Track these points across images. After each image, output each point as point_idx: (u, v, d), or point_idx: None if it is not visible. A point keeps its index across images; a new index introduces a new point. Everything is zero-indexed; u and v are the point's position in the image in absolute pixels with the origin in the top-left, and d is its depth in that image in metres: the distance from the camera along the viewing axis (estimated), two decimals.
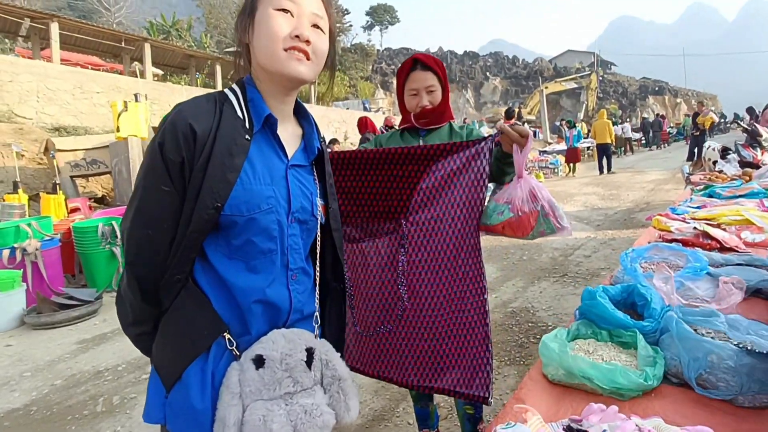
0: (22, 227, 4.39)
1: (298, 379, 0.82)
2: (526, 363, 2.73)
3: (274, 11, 0.87)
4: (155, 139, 0.83)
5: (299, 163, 0.97)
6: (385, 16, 48.16)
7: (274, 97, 0.94)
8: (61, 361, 3.13)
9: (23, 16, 10.75)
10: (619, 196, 9.07)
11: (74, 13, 26.97)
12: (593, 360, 1.14)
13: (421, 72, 1.62)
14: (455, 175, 1.39)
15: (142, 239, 0.84)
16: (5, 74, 8.23)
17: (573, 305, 3.50)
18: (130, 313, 0.89)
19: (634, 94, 41.58)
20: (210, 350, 0.85)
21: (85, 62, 13.80)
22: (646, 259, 1.65)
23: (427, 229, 1.43)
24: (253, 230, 0.86)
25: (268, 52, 0.87)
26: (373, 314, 1.53)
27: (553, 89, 24.84)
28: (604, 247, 5.32)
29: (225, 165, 0.83)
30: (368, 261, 1.52)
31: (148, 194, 0.83)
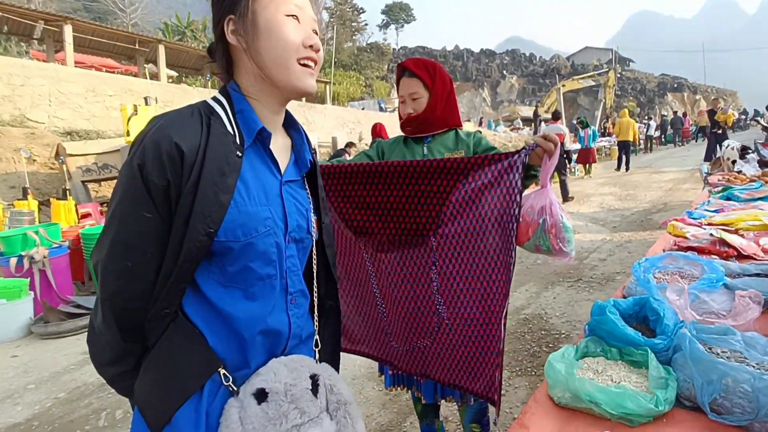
0: (30, 235, 4.33)
1: (304, 409, 0.77)
2: (538, 374, 2.67)
3: (285, 17, 0.81)
4: (132, 160, 0.74)
5: (292, 178, 0.91)
6: (401, 15, 48.06)
7: (268, 108, 0.87)
8: (66, 373, 3.10)
9: (37, 19, 10.81)
10: (636, 196, 8.88)
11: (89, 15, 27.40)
12: (602, 381, 1.09)
13: (407, 79, 1.62)
14: (486, 188, 1.35)
15: (122, 272, 0.75)
16: (17, 78, 8.20)
17: (587, 312, 3.40)
18: (107, 352, 0.79)
19: (652, 91, 40.69)
20: (203, 388, 0.78)
21: (100, 65, 13.93)
22: (660, 269, 1.58)
23: (457, 243, 1.39)
24: (250, 255, 0.79)
25: (282, 63, 0.81)
26: (408, 330, 1.50)
27: (571, 87, 24.43)
28: (620, 250, 5.20)
29: (217, 186, 0.75)
30: (395, 275, 1.49)
31: (127, 222, 0.74)
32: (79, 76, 9.43)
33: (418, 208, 1.41)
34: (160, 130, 0.75)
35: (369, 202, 1.47)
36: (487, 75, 41.11)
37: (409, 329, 1.50)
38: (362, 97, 27.87)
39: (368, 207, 1.47)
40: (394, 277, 1.48)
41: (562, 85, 22.47)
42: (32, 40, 13.02)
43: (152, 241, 0.75)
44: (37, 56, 13.66)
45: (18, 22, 10.73)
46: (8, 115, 7.86)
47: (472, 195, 1.36)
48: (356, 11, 38.53)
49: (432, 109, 1.61)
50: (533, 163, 1.35)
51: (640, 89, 40.44)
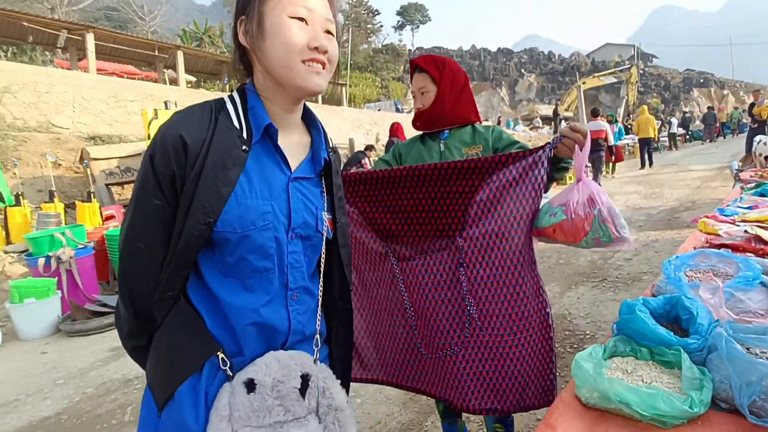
0: (57, 236, 4.50)
1: (289, 407, 0.77)
2: (562, 374, 2.61)
3: (289, 20, 0.82)
4: (146, 152, 0.81)
5: (305, 175, 0.92)
6: (416, 15, 47.99)
7: (280, 106, 0.89)
8: (92, 369, 3.20)
9: (60, 28, 11.17)
10: (662, 194, 8.64)
11: (111, 24, 28.16)
12: (632, 381, 1.06)
13: (417, 74, 1.66)
14: (511, 186, 1.33)
15: (134, 253, 0.81)
16: (42, 86, 8.46)
17: (612, 312, 3.34)
18: (125, 327, 0.87)
19: (677, 87, 39.64)
20: (203, 369, 0.81)
21: (121, 71, 14.29)
22: (692, 267, 1.53)
23: (484, 244, 1.37)
24: (246, 248, 0.82)
25: (285, 64, 0.82)
26: (438, 334, 1.45)
27: (591, 84, 23.98)
28: (647, 250, 5.07)
29: (218, 178, 0.79)
30: (424, 280, 1.46)
31: (141, 208, 0.80)
32: (101, 82, 9.69)
33: (444, 210, 1.39)
34: (170, 125, 0.81)
35: (396, 206, 1.47)
36: (505, 74, 40.69)
37: (437, 332, 1.46)
38: (378, 98, 27.90)
39: (395, 211, 1.47)
40: (423, 281, 1.46)
41: (583, 83, 22.05)
42: (56, 49, 13.42)
43: (160, 227, 0.80)
44: (61, 64, 14.10)
45: (42, 32, 11.11)
46: (34, 122, 8.15)
47: (497, 194, 1.34)
48: (371, 13, 38.64)
49: (439, 103, 1.61)
50: (564, 155, 1.31)
51: (664, 85, 39.46)
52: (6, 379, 3.19)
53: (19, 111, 8.00)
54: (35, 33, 11.06)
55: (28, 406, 2.80)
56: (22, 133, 7.38)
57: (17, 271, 5.01)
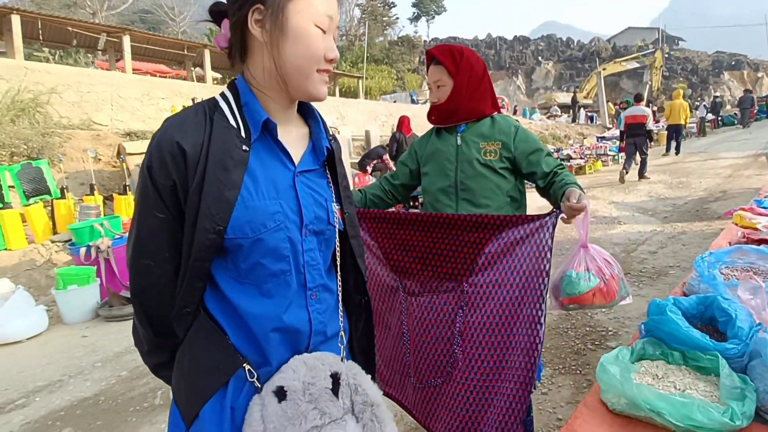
0: (96, 227, 4.74)
1: (324, 410, 0.73)
2: (583, 372, 2.53)
3: (315, 28, 0.80)
4: (143, 163, 0.76)
5: (308, 167, 0.88)
6: (432, 6, 47.37)
7: (277, 102, 0.85)
8: (127, 353, 3.33)
9: (100, 31, 11.80)
10: (689, 184, 8.34)
11: (145, 26, 29.17)
12: (663, 388, 0.99)
13: (433, 66, 1.62)
14: (518, 243, 1.41)
15: (144, 270, 0.78)
16: (84, 86, 8.97)
17: (636, 308, 3.22)
18: (144, 344, 0.84)
19: (705, 70, 38.19)
20: (228, 384, 0.78)
21: (154, 70, 14.93)
22: (728, 264, 1.43)
23: (486, 292, 1.45)
24: (260, 252, 0.78)
25: (303, 71, 0.80)
26: (426, 366, 1.56)
27: (612, 70, 23.30)
28: (673, 242, 4.88)
29: (222, 182, 0.74)
30: (425, 316, 1.56)
31: (144, 223, 0.77)
32: (136, 81, 10.20)
33: (456, 256, 1.49)
34: (164, 132, 0.76)
35: (413, 246, 1.57)
36: (522, 62, 39.89)
37: (426, 364, 1.56)
38: (394, 90, 27.72)
39: (411, 250, 1.57)
40: (424, 316, 1.55)
41: (603, 69, 21.46)
42: (96, 51, 14.02)
43: (167, 240, 0.76)
44: (101, 65, 14.78)
45: (85, 36, 11.76)
46: (77, 119, 8.65)
47: (504, 248, 1.43)
48: (387, 5, 38.31)
49: (455, 97, 1.58)
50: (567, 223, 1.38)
51: (691, 69, 38.07)
52: (52, 360, 3.37)
53: (64, 110, 8.48)
54: (79, 37, 11.72)
55: (70, 386, 2.94)
56: (67, 131, 7.77)
57: (62, 260, 5.28)
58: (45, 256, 5.32)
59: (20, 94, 7.68)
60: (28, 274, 5.05)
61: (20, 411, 2.67)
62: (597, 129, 19.27)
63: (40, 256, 5.29)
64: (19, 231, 5.37)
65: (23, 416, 2.61)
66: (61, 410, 2.65)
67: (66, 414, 2.60)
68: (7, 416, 2.62)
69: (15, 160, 6.36)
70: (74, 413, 2.60)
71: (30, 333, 3.85)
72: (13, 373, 3.18)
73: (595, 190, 8.72)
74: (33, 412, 2.65)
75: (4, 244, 5.25)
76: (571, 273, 1.38)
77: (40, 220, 5.64)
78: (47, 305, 4.33)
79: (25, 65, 8.47)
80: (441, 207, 1.66)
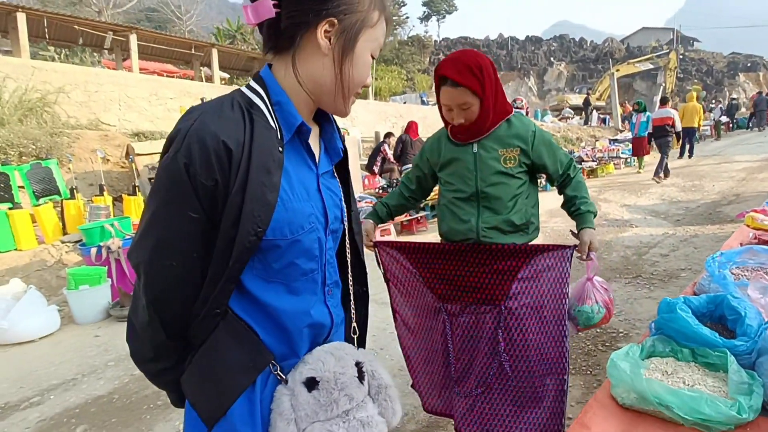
0: (106, 227, 4.78)
1: (352, 395, 0.81)
2: (594, 373, 2.54)
3: (370, 58, 0.85)
4: (177, 158, 0.70)
5: (325, 169, 0.90)
6: (442, 5, 47.25)
7: (305, 106, 0.84)
8: None
9: (107, 30, 11.74)
10: (702, 187, 8.26)
11: (151, 24, 29.25)
12: (673, 383, 1.01)
13: (451, 89, 1.52)
14: (545, 270, 1.60)
15: (166, 272, 0.74)
16: (92, 85, 8.94)
17: (647, 310, 3.22)
18: (150, 351, 0.80)
19: (721, 72, 37.57)
20: (256, 379, 0.80)
21: (161, 70, 14.80)
22: (738, 264, 1.45)
23: (521, 314, 1.61)
24: (296, 252, 0.80)
25: (350, 92, 0.84)
26: (469, 378, 1.70)
27: (626, 72, 23.05)
28: (685, 245, 4.85)
29: (264, 185, 0.73)
30: (467, 334, 1.69)
31: (173, 223, 0.72)
32: (144, 81, 10.14)
33: (493, 282, 1.62)
34: (204, 126, 0.71)
35: (451, 274, 1.68)
36: (533, 63, 39.58)
37: (469, 376, 1.70)
38: (404, 91, 27.70)
39: (450, 279, 1.68)
40: (466, 334, 1.69)
41: (616, 70, 21.23)
42: (103, 50, 14.06)
43: (199, 241, 0.74)
44: (108, 65, 14.71)
45: (91, 34, 11.70)
46: (85, 120, 8.62)
47: (534, 275, 1.59)
48: (397, 4, 38.29)
49: (484, 115, 1.56)
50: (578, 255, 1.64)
51: (706, 71, 37.48)
52: (65, 359, 3.42)
53: (72, 110, 8.47)
54: (85, 35, 11.70)
55: (84, 385, 2.99)
56: (75, 131, 7.78)
57: (73, 260, 5.31)
58: (55, 256, 5.34)
59: (27, 93, 7.65)
60: (38, 275, 5.08)
61: (36, 408, 2.71)
62: (610, 131, 19.09)
63: (50, 257, 5.31)
64: (29, 231, 5.38)
65: (39, 413, 2.65)
66: (76, 408, 2.69)
67: (81, 411, 2.65)
68: (23, 413, 2.67)
69: (24, 160, 6.35)
70: (89, 411, 2.65)
71: (42, 332, 3.88)
72: (27, 371, 3.23)
73: (607, 192, 8.67)
74: (48, 409, 2.69)
75: (14, 245, 5.26)
76: (585, 308, 1.64)
77: (50, 221, 5.64)
78: (59, 305, 4.35)
79: (32, 64, 8.45)
80: (462, 214, 1.67)
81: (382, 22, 0.84)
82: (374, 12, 0.81)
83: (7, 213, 5.26)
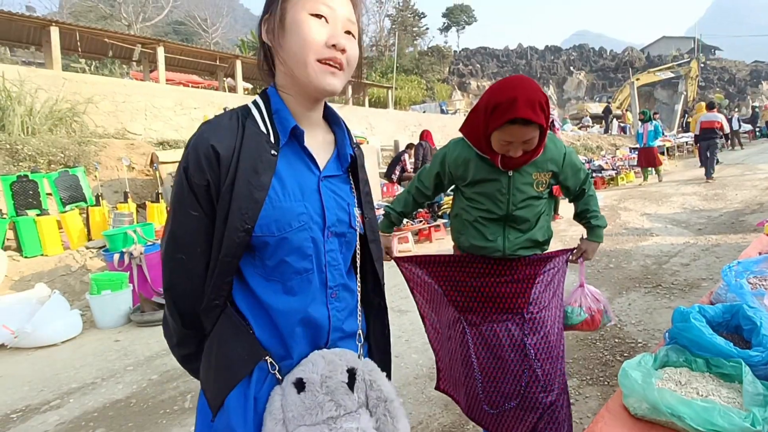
0: (129, 233, 4.89)
1: (340, 402, 0.79)
2: (611, 384, 2.49)
3: (308, 16, 0.81)
4: (180, 164, 0.82)
5: (333, 173, 0.92)
6: (462, 17, 47.40)
7: (301, 105, 0.89)
8: (157, 357, 3.43)
9: (136, 42, 12.22)
10: (725, 196, 8.05)
11: (178, 37, 30.10)
12: (686, 394, 1.00)
13: (522, 128, 1.43)
14: (555, 274, 1.70)
15: (176, 264, 0.83)
16: (120, 96, 9.28)
17: (666, 320, 3.15)
18: (174, 336, 0.89)
19: (743, 80, 36.72)
20: (252, 375, 0.83)
21: (186, 81, 15.18)
22: (756, 273, 1.42)
23: (541, 317, 1.64)
24: (285, 250, 0.83)
25: (301, 61, 0.82)
26: (498, 393, 1.67)
27: (646, 80, 22.75)
28: (707, 255, 4.74)
29: (251, 184, 0.80)
30: (490, 343, 1.67)
31: (179, 220, 0.82)
32: (170, 91, 10.48)
33: (513, 291, 1.64)
34: (200, 135, 0.82)
35: (470, 286, 1.68)
36: (553, 72, 39.32)
37: (498, 391, 1.67)
38: (424, 100, 27.78)
39: (469, 290, 1.69)
40: (490, 344, 1.66)
41: (636, 79, 20.99)
42: (131, 62, 14.46)
43: (200, 236, 0.82)
44: (136, 76, 15.16)
45: (120, 47, 12.17)
46: (113, 129, 8.95)
47: (548, 278, 1.68)
48: (417, 16, 38.58)
49: (541, 144, 1.52)
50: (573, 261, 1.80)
51: (728, 79, 36.70)
52: (86, 363, 3.50)
53: (100, 119, 8.79)
54: (114, 48, 12.14)
55: (103, 389, 3.04)
56: (102, 140, 8.05)
57: (96, 265, 5.45)
58: (80, 261, 5.48)
59: (58, 103, 7.93)
60: (63, 279, 5.21)
61: (55, 411, 2.77)
62: (630, 140, 18.79)
63: (75, 262, 5.45)
64: (55, 237, 5.54)
65: (58, 416, 2.70)
66: (95, 411, 2.73)
67: (99, 415, 2.69)
68: (43, 416, 2.72)
69: (52, 168, 6.60)
70: (107, 414, 2.69)
71: (65, 336, 3.96)
72: (49, 374, 3.30)
73: (627, 201, 8.52)
74: (67, 412, 2.74)
75: (41, 250, 5.42)
76: (568, 308, 1.77)
77: (76, 227, 5.78)
78: (81, 310, 4.45)
79: (63, 76, 8.73)
80: (488, 233, 1.64)
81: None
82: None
83: (35, 219, 5.43)
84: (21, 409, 2.83)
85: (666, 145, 14.79)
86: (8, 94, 7.37)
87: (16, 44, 12.41)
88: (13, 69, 8.13)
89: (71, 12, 27.70)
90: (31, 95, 7.68)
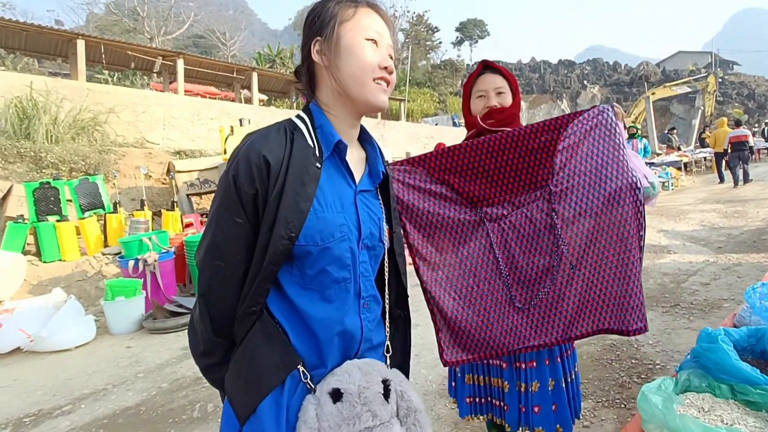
0: (144, 241, 4.97)
1: (376, 412, 0.80)
2: (628, 407, 2.42)
3: (365, 41, 0.90)
4: (228, 172, 0.84)
5: (366, 188, 0.97)
6: (475, 31, 47.80)
7: (344, 122, 0.95)
8: (168, 365, 3.44)
9: (157, 55, 12.69)
10: (746, 213, 7.87)
11: (197, 50, 31.08)
12: (709, 421, 0.96)
13: (490, 75, 1.63)
14: (588, 133, 1.45)
15: (215, 271, 0.85)
16: (140, 106, 9.58)
17: (686, 341, 3.07)
18: (201, 344, 0.89)
19: (763, 95, 36.20)
20: (284, 383, 0.84)
21: (204, 92, 15.64)
22: None
23: (573, 184, 1.45)
24: (327, 259, 0.86)
25: (359, 80, 0.90)
26: (531, 282, 1.51)
27: (662, 95, 22.49)
28: (727, 274, 4.62)
29: (298, 194, 0.83)
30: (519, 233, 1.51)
31: (222, 226, 0.84)
32: (187, 102, 10.79)
33: (533, 163, 1.48)
34: (251, 145, 0.85)
35: (486, 171, 1.52)
36: (566, 86, 39.23)
37: (532, 280, 1.50)
38: (436, 113, 27.95)
39: (486, 176, 1.52)
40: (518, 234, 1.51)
41: (652, 93, 20.77)
42: (152, 74, 14.99)
43: (242, 244, 0.84)
44: (156, 87, 15.66)
45: (142, 59, 12.66)
46: (132, 138, 9.24)
47: (576, 141, 1.45)
48: (431, 30, 38.99)
49: (517, 106, 1.63)
50: None
51: (747, 94, 36.19)
52: (98, 369, 3.54)
53: (120, 129, 9.08)
54: (137, 60, 12.63)
55: (113, 395, 3.07)
56: (122, 149, 8.32)
57: (111, 272, 5.57)
58: (96, 267, 5.60)
59: (81, 113, 8.24)
60: (79, 285, 5.32)
61: (66, 417, 2.80)
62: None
63: (91, 268, 5.57)
64: (73, 243, 5.68)
65: (69, 422, 2.73)
66: (105, 418, 2.75)
67: (109, 422, 2.70)
68: (54, 421, 2.75)
69: (74, 176, 6.82)
70: (116, 422, 2.70)
71: (79, 342, 4.02)
72: (62, 380, 3.34)
73: None
74: (78, 418, 2.77)
75: (59, 255, 5.56)
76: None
77: (93, 233, 5.93)
78: (95, 315, 4.52)
79: (87, 86, 9.06)
80: None
81: (361, 9, 0.93)
82: (347, 9, 0.92)
83: (55, 225, 5.57)
84: (34, 413, 2.87)
85: (683, 160, 14.63)
86: (35, 103, 7.64)
87: (44, 56, 12.90)
88: (40, 79, 8.44)
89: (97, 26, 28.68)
90: (56, 105, 7.95)
